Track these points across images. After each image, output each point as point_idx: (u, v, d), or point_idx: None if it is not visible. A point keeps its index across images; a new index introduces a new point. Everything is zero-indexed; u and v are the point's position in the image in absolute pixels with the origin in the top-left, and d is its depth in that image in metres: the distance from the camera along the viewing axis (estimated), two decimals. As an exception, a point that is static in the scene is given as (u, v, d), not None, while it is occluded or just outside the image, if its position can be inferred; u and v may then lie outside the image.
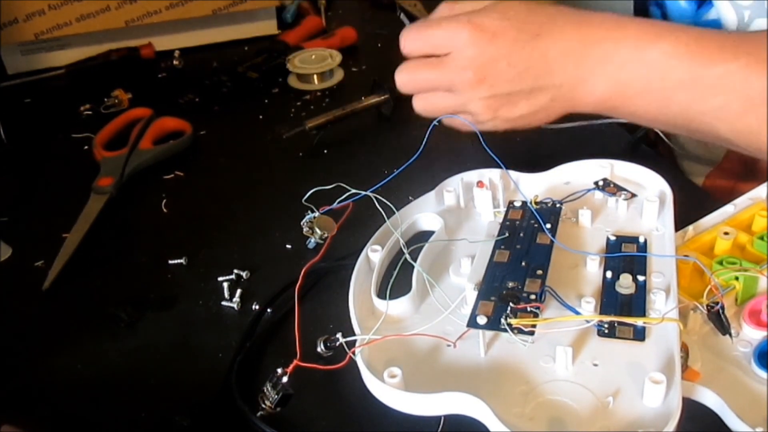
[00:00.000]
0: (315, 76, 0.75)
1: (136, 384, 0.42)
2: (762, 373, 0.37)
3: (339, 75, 0.77)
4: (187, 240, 0.53)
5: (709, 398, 0.36)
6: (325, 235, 0.50)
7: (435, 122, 0.52)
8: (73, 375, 0.43)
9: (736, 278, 0.41)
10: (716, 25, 0.63)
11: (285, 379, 0.37)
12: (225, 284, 0.48)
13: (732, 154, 0.64)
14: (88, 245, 0.53)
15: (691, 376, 0.37)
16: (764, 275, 0.42)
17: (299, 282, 0.43)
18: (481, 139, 0.51)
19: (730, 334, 0.38)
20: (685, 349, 0.38)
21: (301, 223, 0.51)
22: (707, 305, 0.38)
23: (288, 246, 0.52)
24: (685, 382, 0.36)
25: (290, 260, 0.50)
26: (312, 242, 0.51)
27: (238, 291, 0.47)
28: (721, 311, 0.38)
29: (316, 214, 0.51)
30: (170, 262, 0.51)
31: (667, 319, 0.37)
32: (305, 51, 0.78)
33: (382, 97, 0.68)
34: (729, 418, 0.35)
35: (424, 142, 0.52)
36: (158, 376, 0.42)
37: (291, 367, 0.37)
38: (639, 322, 0.38)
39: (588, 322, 0.38)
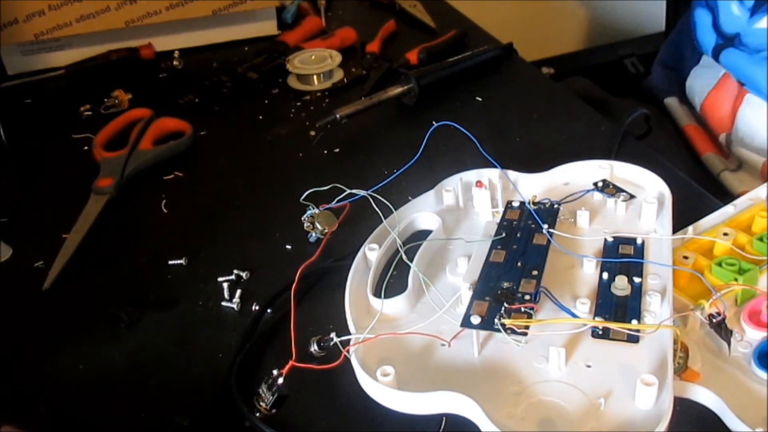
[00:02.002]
0: (315, 77, 0.75)
1: (136, 384, 0.42)
2: (762, 374, 0.37)
3: (339, 75, 0.77)
4: (187, 240, 0.53)
5: (708, 399, 0.36)
6: (326, 230, 0.51)
7: (435, 125, 0.53)
8: (73, 375, 0.43)
9: (736, 279, 0.41)
10: (764, 33, 0.64)
11: (281, 380, 0.37)
12: (225, 285, 0.48)
13: None
14: (88, 246, 0.53)
15: (690, 377, 0.37)
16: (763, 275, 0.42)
17: (295, 284, 0.44)
18: (477, 144, 0.51)
19: (730, 344, 0.38)
20: (684, 350, 0.38)
21: (302, 218, 0.51)
22: (709, 315, 0.38)
23: (288, 246, 0.52)
24: (685, 382, 0.37)
25: (290, 261, 0.50)
26: (313, 236, 0.51)
27: (238, 291, 0.47)
28: (723, 323, 0.38)
29: (317, 210, 0.51)
30: (170, 262, 0.51)
31: (663, 326, 0.37)
32: (305, 51, 0.78)
33: (406, 87, 0.68)
34: (729, 418, 0.35)
35: (423, 145, 0.52)
36: (158, 377, 0.42)
37: (286, 368, 0.37)
38: (634, 329, 0.38)
39: (584, 326, 0.38)
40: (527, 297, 0.40)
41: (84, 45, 0.80)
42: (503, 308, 0.38)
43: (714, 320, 0.38)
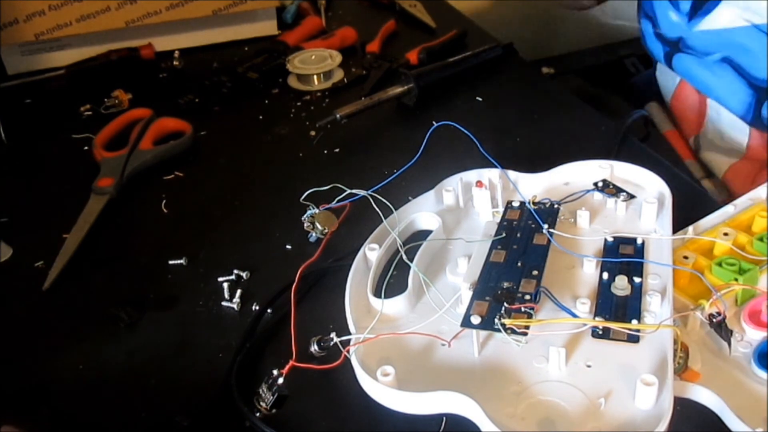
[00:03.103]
0: (315, 77, 0.75)
1: (136, 384, 0.42)
2: (762, 374, 0.37)
3: (339, 75, 0.77)
4: (187, 240, 0.53)
5: (708, 398, 0.36)
6: (326, 230, 0.51)
7: (435, 125, 0.53)
8: (73, 375, 0.43)
9: (736, 279, 0.41)
10: (706, 36, 0.64)
11: (281, 380, 0.37)
12: (225, 285, 0.48)
13: (754, 144, 0.64)
14: (89, 246, 0.53)
15: (691, 377, 0.37)
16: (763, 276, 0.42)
17: (295, 283, 0.44)
18: (478, 144, 0.51)
19: (730, 344, 0.38)
20: (684, 350, 0.38)
21: (303, 218, 0.51)
22: (709, 314, 0.38)
23: (288, 246, 0.52)
24: (685, 382, 0.37)
25: (290, 261, 0.50)
26: (313, 236, 0.51)
27: (238, 291, 0.47)
28: (723, 323, 0.38)
29: (317, 210, 0.51)
30: (170, 262, 0.51)
31: (663, 326, 0.37)
32: (305, 51, 0.78)
33: (406, 87, 0.68)
34: (729, 418, 0.35)
35: (423, 145, 0.52)
36: (158, 376, 0.42)
37: (287, 368, 0.37)
38: (634, 328, 0.38)
39: (584, 325, 0.38)
40: (527, 297, 0.40)
41: (84, 45, 0.80)
42: (503, 308, 0.38)
43: (714, 320, 0.38)
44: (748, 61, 0.64)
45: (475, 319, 0.38)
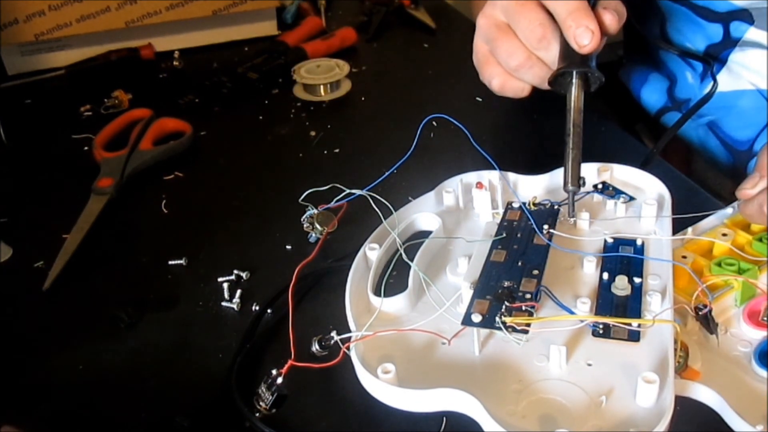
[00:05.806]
0: (321, 87, 0.73)
1: (136, 384, 0.42)
2: (762, 372, 0.37)
3: (347, 86, 0.75)
4: (187, 241, 0.53)
5: (709, 397, 0.36)
6: (326, 230, 0.51)
7: (427, 118, 0.53)
8: (73, 375, 0.43)
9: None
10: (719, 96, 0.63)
11: (280, 380, 0.37)
12: (225, 285, 0.48)
13: None
14: (89, 246, 0.53)
15: (691, 376, 0.37)
16: (763, 275, 0.42)
17: (293, 282, 0.44)
18: (471, 138, 0.51)
19: (717, 335, 0.38)
20: (685, 349, 0.38)
21: (302, 219, 0.51)
22: (695, 307, 0.38)
23: (288, 246, 0.52)
24: (686, 381, 0.37)
25: (290, 261, 0.50)
26: (313, 237, 0.51)
27: (238, 292, 0.47)
28: (708, 314, 0.38)
29: (316, 210, 0.51)
30: (170, 262, 0.51)
31: (658, 320, 0.37)
32: (311, 61, 0.76)
33: None
34: (729, 416, 0.35)
35: (416, 140, 0.52)
36: (158, 377, 0.42)
37: (285, 367, 0.37)
38: (632, 324, 0.38)
39: (582, 322, 0.39)
40: (528, 296, 0.40)
41: (84, 45, 0.80)
42: (504, 307, 0.38)
43: (700, 312, 0.38)
44: (730, 123, 0.66)
45: (476, 318, 0.38)
